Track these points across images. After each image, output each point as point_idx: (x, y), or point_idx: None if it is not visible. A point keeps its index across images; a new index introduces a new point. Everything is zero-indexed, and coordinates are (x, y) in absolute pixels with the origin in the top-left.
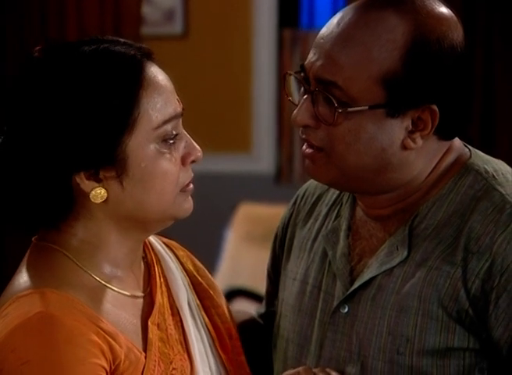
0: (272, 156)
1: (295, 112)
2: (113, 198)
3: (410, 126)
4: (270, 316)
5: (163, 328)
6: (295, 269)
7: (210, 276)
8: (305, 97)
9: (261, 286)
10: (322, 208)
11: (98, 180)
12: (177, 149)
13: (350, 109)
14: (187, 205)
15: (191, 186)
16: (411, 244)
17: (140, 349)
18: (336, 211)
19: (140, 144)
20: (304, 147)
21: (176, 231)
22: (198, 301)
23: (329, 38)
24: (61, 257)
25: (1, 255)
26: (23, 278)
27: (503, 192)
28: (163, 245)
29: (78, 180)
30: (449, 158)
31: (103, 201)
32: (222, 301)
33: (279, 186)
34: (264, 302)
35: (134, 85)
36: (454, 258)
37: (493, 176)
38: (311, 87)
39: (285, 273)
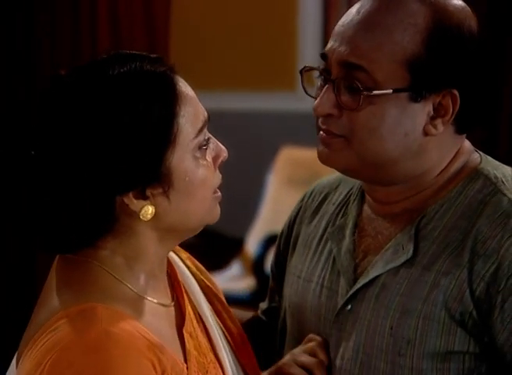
0: None
1: (316, 102)
2: (160, 212)
3: (432, 112)
4: (272, 311)
5: (194, 336)
6: (299, 266)
7: (211, 277)
8: (326, 87)
9: None
10: (329, 207)
11: (145, 198)
12: (209, 153)
13: (374, 92)
14: (217, 211)
15: (219, 193)
16: (417, 244)
17: (182, 360)
18: (342, 210)
19: (182, 158)
20: (321, 132)
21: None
22: (210, 306)
23: (351, 25)
24: (98, 270)
25: (32, 271)
26: (64, 294)
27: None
28: None
29: (127, 200)
30: (460, 161)
31: None
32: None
33: None
34: (267, 298)
35: (171, 103)
36: (460, 259)
37: (502, 182)
38: (332, 76)
39: (289, 270)
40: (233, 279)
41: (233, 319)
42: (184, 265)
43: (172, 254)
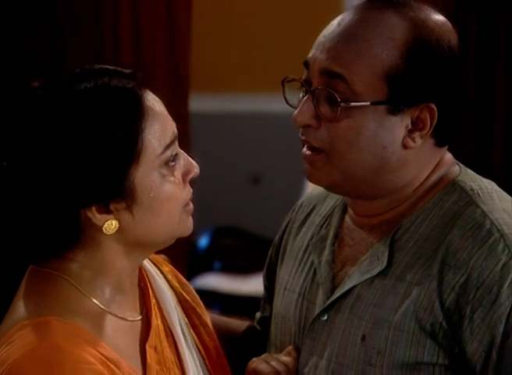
0: None
1: (295, 112)
2: (124, 226)
3: (410, 125)
4: (265, 321)
5: (159, 351)
6: (285, 277)
7: (194, 291)
8: (306, 97)
9: None
10: (316, 219)
11: (109, 212)
12: (177, 169)
13: (352, 104)
14: (189, 223)
15: (191, 206)
16: (392, 255)
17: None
18: (327, 221)
19: (146, 174)
20: (304, 149)
21: (261, 184)
22: (186, 320)
23: (331, 37)
24: (63, 283)
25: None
26: (27, 305)
27: (485, 209)
28: (150, 262)
29: (90, 214)
30: (439, 172)
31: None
32: (207, 317)
33: None
34: (261, 307)
35: (136, 119)
36: (431, 270)
37: (478, 194)
38: (312, 87)
39: (277, 281)
40: None
41: (210, 333)
42: (165, 278)
43: (150, 267)
